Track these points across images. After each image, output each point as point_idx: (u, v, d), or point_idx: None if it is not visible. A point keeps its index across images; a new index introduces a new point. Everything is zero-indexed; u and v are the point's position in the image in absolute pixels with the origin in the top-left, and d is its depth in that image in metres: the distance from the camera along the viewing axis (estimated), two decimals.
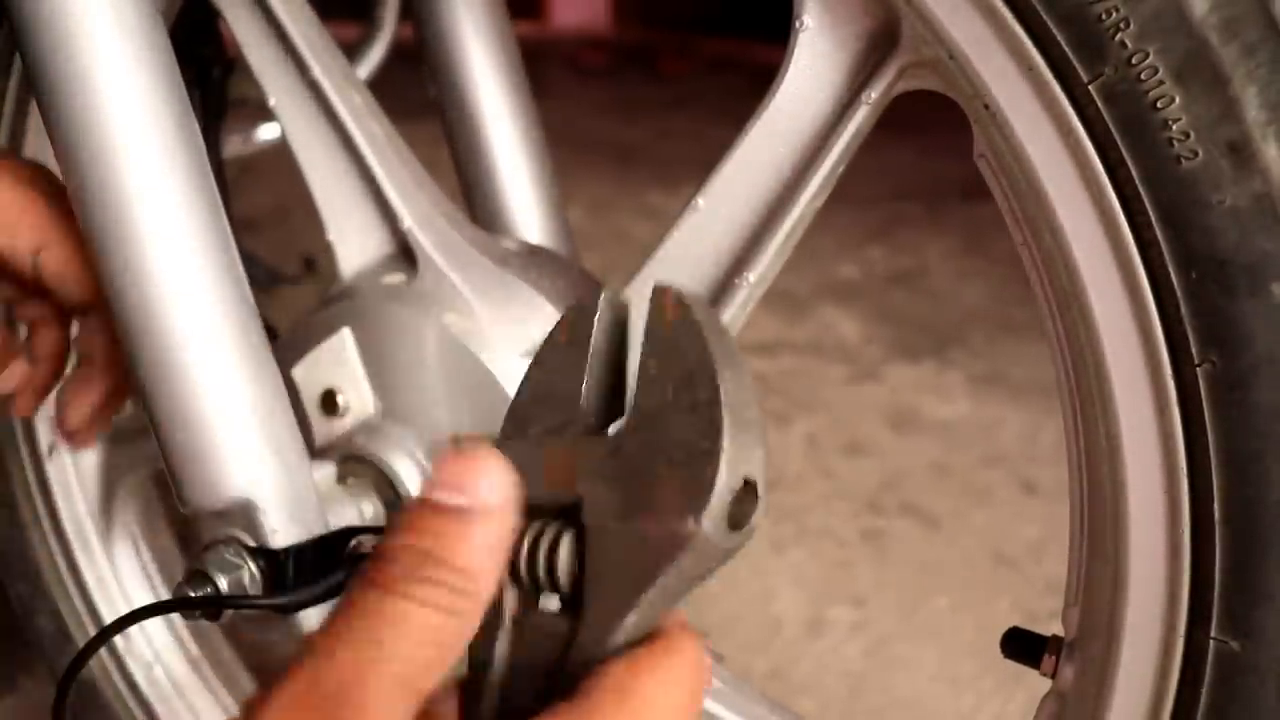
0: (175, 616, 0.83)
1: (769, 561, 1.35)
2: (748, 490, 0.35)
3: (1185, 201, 0.38)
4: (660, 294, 0.38)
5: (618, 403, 0.40)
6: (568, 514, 0.36)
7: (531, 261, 0.63)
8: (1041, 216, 0.42)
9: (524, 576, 0.36)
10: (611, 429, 0.39)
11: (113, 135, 0.46)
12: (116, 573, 0.83)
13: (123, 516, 0.83)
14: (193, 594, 0.47)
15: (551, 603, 0.37)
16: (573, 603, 0.36)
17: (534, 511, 0.36)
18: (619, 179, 2.81)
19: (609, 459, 0.36)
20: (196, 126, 0.48)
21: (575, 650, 0.35)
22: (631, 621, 0.35)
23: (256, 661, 0.92)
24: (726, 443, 0.34)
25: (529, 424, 0.39)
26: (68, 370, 0.52)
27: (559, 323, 0.40)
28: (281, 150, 0.65)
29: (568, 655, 0.35)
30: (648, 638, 0.36)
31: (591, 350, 0.39)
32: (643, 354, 0.37)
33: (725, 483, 0.34)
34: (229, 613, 0.49)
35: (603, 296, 0.39)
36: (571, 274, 0.64)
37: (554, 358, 0.39)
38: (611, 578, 0.35)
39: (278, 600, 0.47)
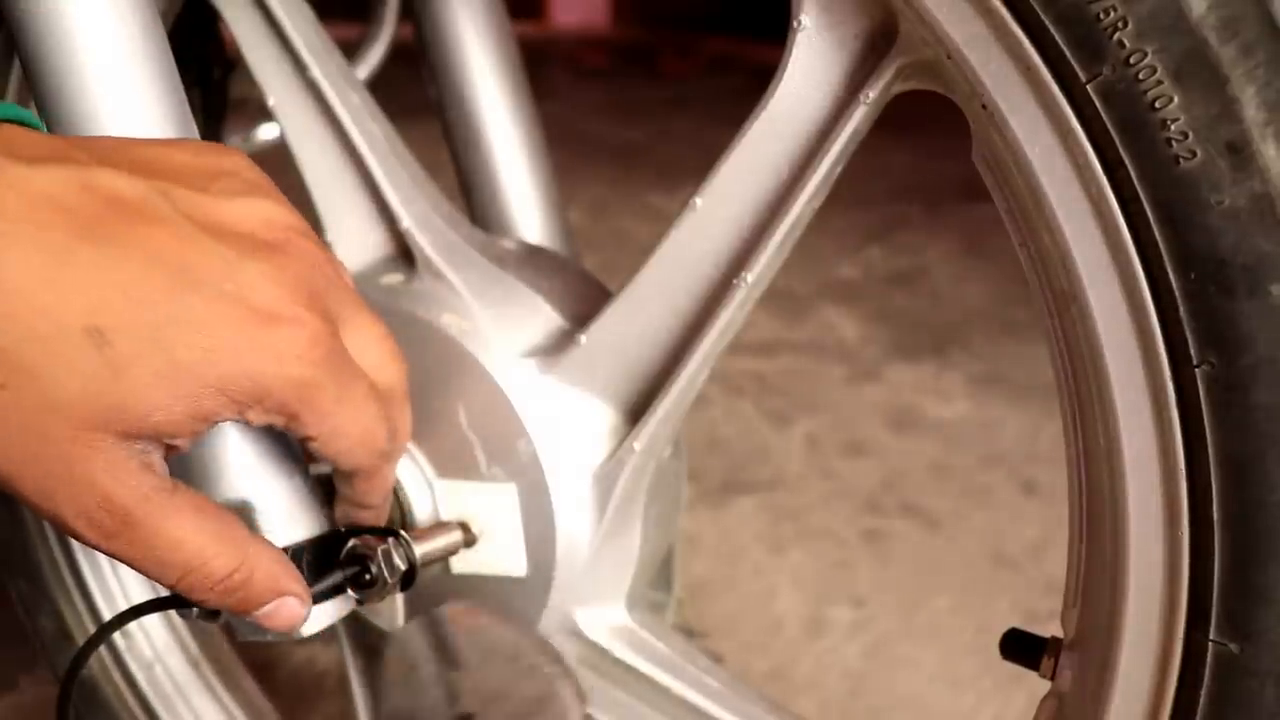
0: (175, 617, 0.83)
1: (769, 561, 1.35)
2: None
3: (1184, 202, 0.38)
4: (449, 615, 0.53)
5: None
6: None
7: (531, 261, 0.63)
8: (1040, 217, 0.42)
9: None
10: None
11: (113, 136, 0.46)
12: (117, 572, 0.83)
13: None
14: None
15: None
16: None
17: None
18: (619, 179, 2.81)
19: None
20: (196, 127, 0.48)
21: None
22: None
23: (256, 661, 0.92)
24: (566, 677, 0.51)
25: None
26: None
27: (388, 659, 0.55)
28: (281, 150, 0.65)
29: None
30: None
31: (426, 668, 0.53)
32: (464, 661, 0.52)
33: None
34: (227, 612, 0.49)
35: (412, 626, 0.53)
36: (571, 274, 0.64)
37: (401, 685, 0.54)
38: None
39: None
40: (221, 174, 0.40)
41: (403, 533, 0.52)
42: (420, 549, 0.52)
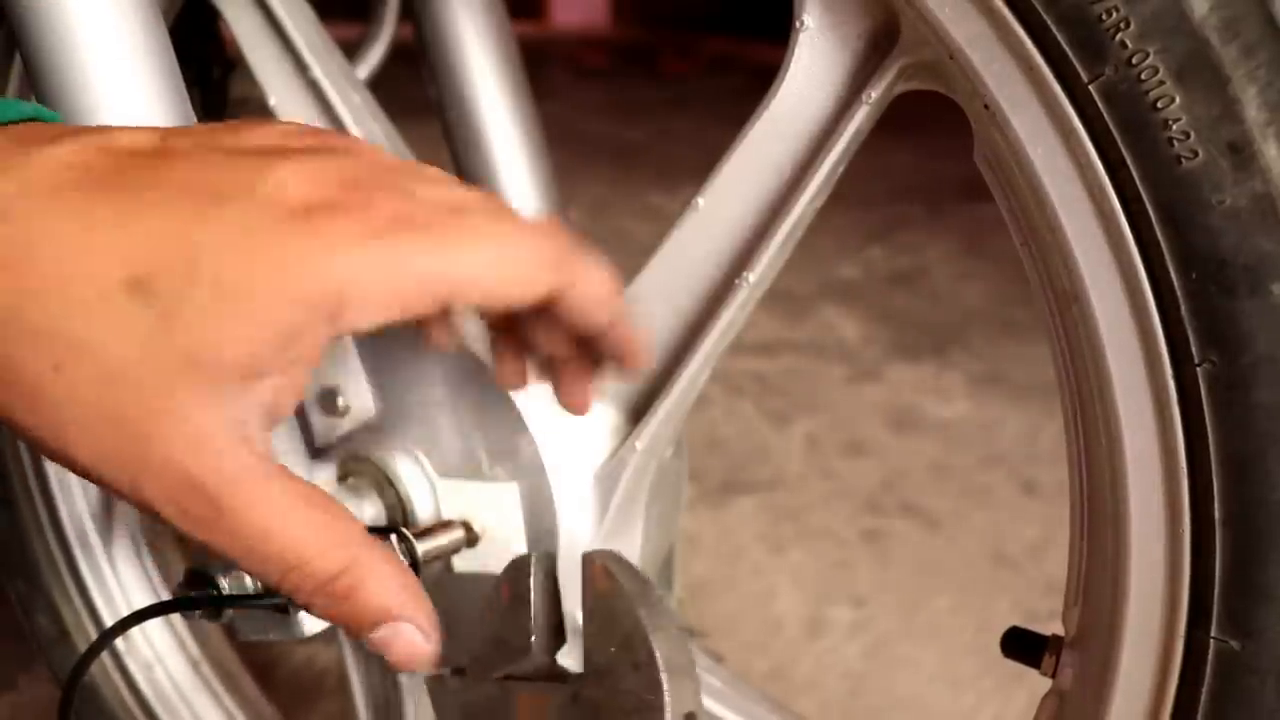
0: (175, 617, 0.83)
1: (769, 561, 1.35)
2: (691, 717, 0.45)
3: (1185, 202, 0.38)
4: (589, 565, 0.46)
5: (559, 641, 0.48)
6: None
7: None
8: (1041, 216, 0.42)
9: None
10: (563, 661, 0.48)
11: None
12: (116, 572, 0.83)
13: (123, 516, 0.83)
14: (193, 594, 0.47)
15: None
16: None
17: None
18: (619, 179, 2.81)
19: (573, 705, 0.45)
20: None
21: None
22: None
23: (257, 661, 0.92)
24: (668, 697, 0.43)
25: (491, 668, 0.48)
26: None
27: (500, 584, 0.48)
28: None
29: None
30: None
31: (533, 606, 0.48)
32: (585, 618, 0.46)
33: None
34: (229, 612, 0.49)
35: (534, 558, 0.47)
36: None
37: (501, 613, 0.49)
38: None
39: (278, 599, 0.47)
40: (231, 128, 0.38)
41: (405, 530, 0.52)
42: (422, 547, 0.52)
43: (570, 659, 0.49)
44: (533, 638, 0.48)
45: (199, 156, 0.34)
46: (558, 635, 0.49)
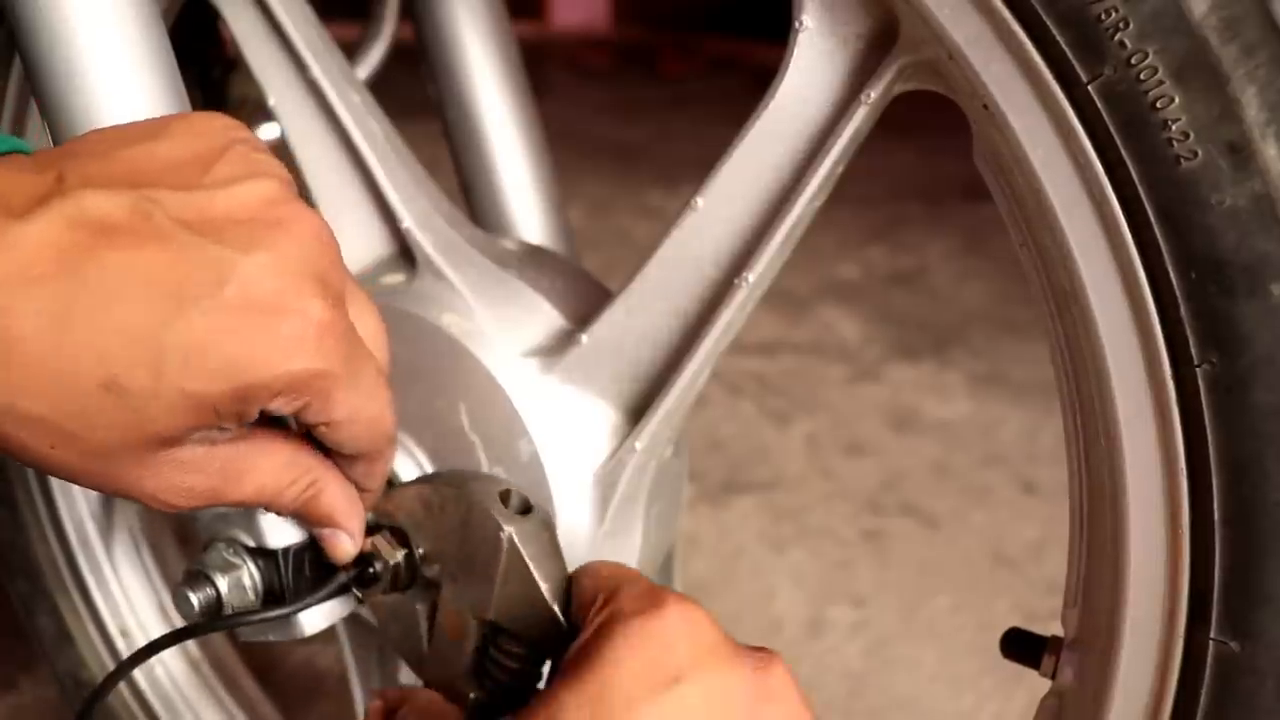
0: (174, 617, 0.83)
1: (769, 561, 1.35)
2: (506, 494, 0.50)
3: (1184, 202, 0.38)
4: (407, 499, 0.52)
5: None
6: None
7: (531, 261, 0.63)
8: (1041, 217, 0.42)
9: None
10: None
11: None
12: (117, 572, 0.83)
13: (123, 516, 0.83)
14: (191, 596, 0.48)
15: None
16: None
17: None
18: (619, 179, 2.81)
19: (453, 584, 0.51)
20: None
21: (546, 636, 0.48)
22: (547, 590, 0.48)
23: (257, 661, 0.92)
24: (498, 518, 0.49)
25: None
26: None
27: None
28: (281, 150, 0.65)
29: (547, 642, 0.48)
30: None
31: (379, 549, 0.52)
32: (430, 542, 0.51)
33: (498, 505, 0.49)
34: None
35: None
36: (571, 274, 0.64)
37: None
38: (515, 590, 0.49)
39: (282, 611, 0.48)
40: (211, 159, 0.39)
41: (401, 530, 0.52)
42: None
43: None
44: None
45: (171, 241, 0.36)
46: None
